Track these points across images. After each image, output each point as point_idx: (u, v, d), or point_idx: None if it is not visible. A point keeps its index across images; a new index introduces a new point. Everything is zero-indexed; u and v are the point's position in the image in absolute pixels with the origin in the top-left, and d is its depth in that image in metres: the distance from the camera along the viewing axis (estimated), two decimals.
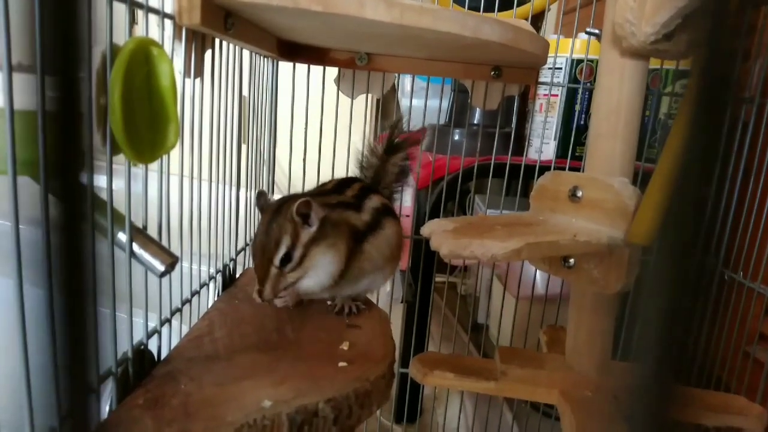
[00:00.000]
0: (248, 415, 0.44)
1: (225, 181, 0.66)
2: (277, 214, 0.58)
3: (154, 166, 0.48)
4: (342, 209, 0.63)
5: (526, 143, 1.04)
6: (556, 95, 0.98)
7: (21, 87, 0.31)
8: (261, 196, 0.64)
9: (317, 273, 0.60)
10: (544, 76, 0.97)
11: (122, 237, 0.44)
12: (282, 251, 0.57)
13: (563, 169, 0.84)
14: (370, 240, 0.64)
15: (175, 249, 0.49)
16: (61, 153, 0.17)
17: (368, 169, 0.77)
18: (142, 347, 0.49)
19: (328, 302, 0.67)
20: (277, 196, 0.91)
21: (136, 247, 0.45)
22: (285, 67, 0.84)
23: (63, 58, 0.16)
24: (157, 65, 0.44)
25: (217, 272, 0.68)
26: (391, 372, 0.56)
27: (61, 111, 0.17)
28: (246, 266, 0.80)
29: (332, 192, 0.66)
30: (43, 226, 0.31)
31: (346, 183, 0.69)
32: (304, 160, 0.85)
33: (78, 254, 0.18)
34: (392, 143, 0.76)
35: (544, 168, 0.78)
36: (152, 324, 0.51)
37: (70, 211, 0.18)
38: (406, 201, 1.64)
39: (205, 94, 0.58)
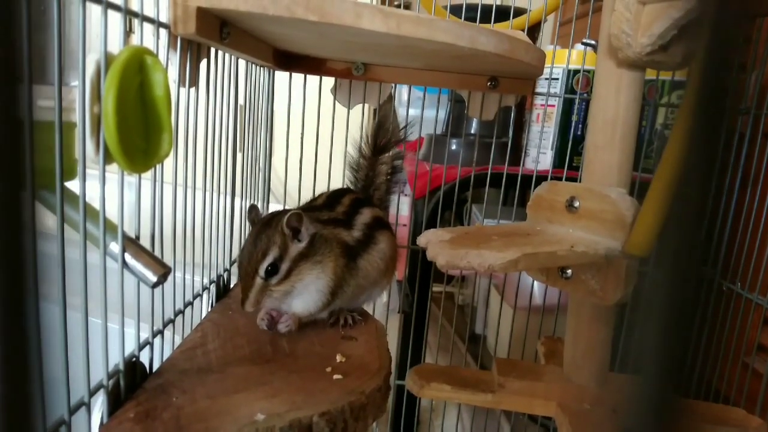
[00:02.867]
0: (241, 429, 0.43)
1: (220, 190, 0.66)
2: (267, 226, 0.57)
3: (147, 175, 0.48)
4: (333, 226, 0.62)
5: (523, 153, 1.03)
6: (553, 105, 0.99)
7: None
8: (252, 210, 0.63)
9: (307, 289, 0.59)
10: (541, 86, 0.97)
11: (114, 247, 0.43)
12: (268, 261, 0.56)
13: (560, 179, 0.84)
14: (364, 256, 0.63)
15: (168, 259, 0.49)
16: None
17: (359, 170, 0.77)
18: (134, 359, 0.48)
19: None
20: (272, 205, 0.91)
21: (128, 257, 0.44)
22: (281, 76, 0.84)
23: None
24: (151, 74, 0.44)
25: (210, 283, 0.68)
26: (387, 384, 0.55)
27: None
28: None
29: (323, 207, 0.66)
30: None
31: (336, 197, 0.68)
32: (301, 169, 0.84)
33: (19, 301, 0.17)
34: (377, 143, 0.76)
35: (541, 178, 0.77)
36: (144, 335, 0.51)
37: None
38: (403, 210, 1.64)
39: (200, 103, 0.58)
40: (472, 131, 1.16)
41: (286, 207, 0.88)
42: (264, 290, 0.56)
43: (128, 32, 0.44)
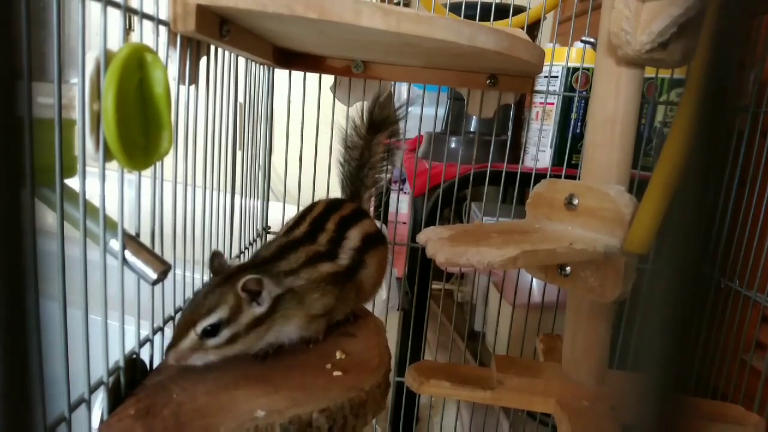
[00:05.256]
0: (241, 426, 0.43)
1: (219, 188, 0.66)
2: (226, 282, 0.51)
3: (147, 172, 0.48)
4: (313, 265, 0.57)
5: (522, 151, 1.03)
6: (552, 103, 0.99)
7: None
8: (215, 258, 0.55)
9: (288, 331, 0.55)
10: (540, 84, 0.97)
11: (114, 244, 0.43)
12: (209, 321, 0.48)
13: (559, 177, 0.84)
14: (354, 279, 0.62)
15: (168, 256, 0.49)
16: None
17: (353, 149, 0.76)
18: (134, 356, 0.48)
19: None
20: (273, 203, 0.91)
21: (128, 254, 0.44)
22: (281, 74, 0.84)
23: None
24: (151, 72, 0.44)
25: None
26: (386, 381, 0.55)
27: None
28: None
29: (304, 241, 0.60)
30: None
31: (320, 222, 0.63)
32: (300, 167, 0.84)
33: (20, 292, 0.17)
34: (373, 120, 0.75)
35: (540, 176, 0.78)
36: (144, 332, 0.51)
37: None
38: (402, 208, 1.64)
39: (200, 100, 0.58)
40: (472, 129, 1.16)
41: (285, 205, 0.88)
42: (196, 348, 0.49)
43: (128, 29, 0.44)
